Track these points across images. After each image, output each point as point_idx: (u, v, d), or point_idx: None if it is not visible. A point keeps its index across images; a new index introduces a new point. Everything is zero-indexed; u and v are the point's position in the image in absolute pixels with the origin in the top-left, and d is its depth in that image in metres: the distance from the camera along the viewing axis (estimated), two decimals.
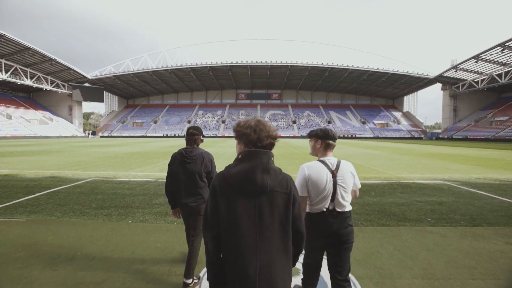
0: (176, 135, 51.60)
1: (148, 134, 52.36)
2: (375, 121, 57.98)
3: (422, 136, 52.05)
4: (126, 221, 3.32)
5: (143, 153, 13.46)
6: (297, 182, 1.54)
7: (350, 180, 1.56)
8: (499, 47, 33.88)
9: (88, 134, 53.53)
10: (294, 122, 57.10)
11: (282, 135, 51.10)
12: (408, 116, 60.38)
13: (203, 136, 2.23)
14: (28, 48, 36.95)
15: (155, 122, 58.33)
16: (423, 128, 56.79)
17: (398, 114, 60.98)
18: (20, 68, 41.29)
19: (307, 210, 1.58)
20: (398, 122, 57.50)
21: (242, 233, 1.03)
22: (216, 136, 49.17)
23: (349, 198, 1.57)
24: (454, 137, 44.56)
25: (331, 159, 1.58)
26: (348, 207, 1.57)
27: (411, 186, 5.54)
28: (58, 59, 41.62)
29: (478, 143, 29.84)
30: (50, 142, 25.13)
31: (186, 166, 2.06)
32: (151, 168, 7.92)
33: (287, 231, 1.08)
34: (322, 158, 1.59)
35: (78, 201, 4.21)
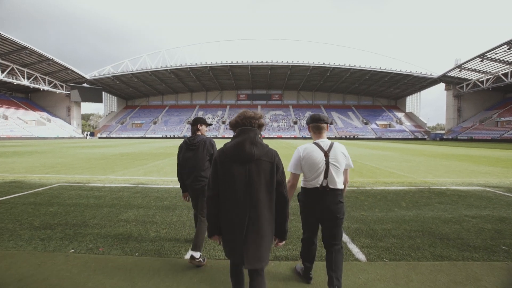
0: (176, 136, 50.61)
1: (147, 135, 51.41)
2: (378, 122, 56.87)
3: (426, 137, 50.89)
4: (67, 250, 2.30)
5: (133, 154, 12.46)
6: (292, 161, 1.75)
7: (343, 160, 1.69)
8: (505, 46, 32.93)
9: (87, 135, 52.58)
10: (295, 122, 56.08)
11: (283, 136, 50.08)
12: (411, 116, 59.27)
13: (207, 125, 2.41)
14: (25, 48, 36.14)
15: (155, 123, 57.43)
16: (427, 128, 55.64)
17: (400, 115, 59.87)
18: (17, 68, 40.52)
19: (303, 185, 1.75)
20: (401, 123, 56.37)
21: (236, 192, 1.30)
22: (216, 137, 48.13)
23: (341, 176, 1.71)
24: (458, 138, 43.40)
25: (324, 141, 1.73)
26: (340, 185, 1.69)
27: (447, 193, 4.49)
28: (56, 59, 40.83)
29: (486, 144, 28.71)
30: (42, 143, 24.17)
31: (191, 153, 2.27)
32: (136, 171, 6.90)
33: (271, 192, 1.33)
34: (316, 141, 1.74)
35: (20, 216, 3.19)
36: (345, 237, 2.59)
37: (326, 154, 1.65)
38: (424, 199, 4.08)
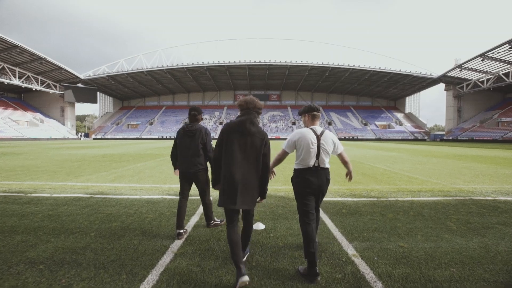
0: (172, 137, 49.34)
1: (143, 136, 50.14)
2: (377, 122, 56.04)
3: (426, 137, 50.07)
4: None
5: (117, 155, 11.26)
6: (288, 140, 2.04)
7: (331, 145, 1.99)
8: (507, 45, 32.22)
9: (81, 136, 51.17)
10: (293, 123, 55.07)
11: (281, 137, 49.01)
12: (410, 117, 58.53)
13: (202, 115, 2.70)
14: (16, 46, 34.86)
15: (151, 124, 56.17)
16: (426, 129, 54.86)
17: (400, 115, 59.12)
18: (8, 67, 39.21)
19: (296, 167, 2.00)
20: (400, 124, 55.58)
21: (234, 156, 1.77)
22: (214, 138, 46.85)
23: (329, 158, 1.98)
24: (459, 138, 42.61)
25: (317, 128, 2.01)
26: (328, 165, 1.98)
27: (501, 207, 3.37)
28: (48, 58, 39.56)
29: (490, 144, 27.82)
30: (27, 144, 22.86)
31: (188, 138, 2.50)
32: (106, 175, 5.74)
33: (258, 160, 1.81)
34: (311, 127, 2.01)
35: None
36: None
37: (319, 138, 1.93)
38: (476, 217, 2.96)
